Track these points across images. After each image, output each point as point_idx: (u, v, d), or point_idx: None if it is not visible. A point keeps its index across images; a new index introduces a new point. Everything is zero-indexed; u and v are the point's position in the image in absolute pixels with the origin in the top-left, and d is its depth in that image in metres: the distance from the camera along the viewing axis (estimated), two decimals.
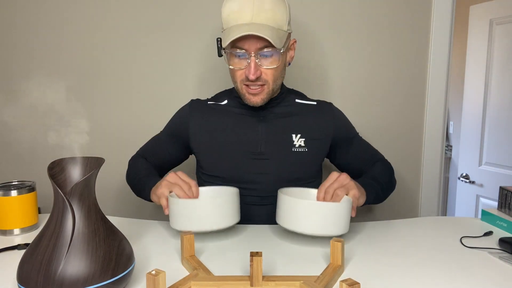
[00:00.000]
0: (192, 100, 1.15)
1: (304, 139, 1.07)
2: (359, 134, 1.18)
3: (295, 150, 1.06)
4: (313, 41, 1.47)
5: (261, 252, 0.66)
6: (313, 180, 1.10)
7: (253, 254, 0.65)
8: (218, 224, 0.85)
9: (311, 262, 0.78)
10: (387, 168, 1.13)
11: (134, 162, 1.15)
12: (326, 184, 0.89)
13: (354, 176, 1.10)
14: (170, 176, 0.92)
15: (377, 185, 1.01)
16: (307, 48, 1.48)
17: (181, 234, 0.78)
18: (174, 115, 1.16)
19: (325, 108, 1.13)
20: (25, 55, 1.47)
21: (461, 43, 2.67)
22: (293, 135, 1.07)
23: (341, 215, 0.82)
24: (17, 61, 1.48)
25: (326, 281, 0.67)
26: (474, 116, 2.22)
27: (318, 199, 0.90)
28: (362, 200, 0.91)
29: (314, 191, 0.96)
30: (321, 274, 0.70)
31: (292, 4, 1.43)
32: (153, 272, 0.60)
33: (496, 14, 2.05)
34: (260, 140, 1.06)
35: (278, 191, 0.89)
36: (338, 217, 0.81)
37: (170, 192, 0.90)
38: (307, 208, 0.81)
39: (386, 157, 1.55)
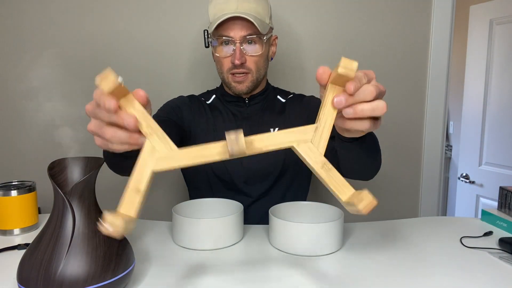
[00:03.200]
0: (182, 96, 1.17)
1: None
2: None
3: None
4: (306, 42, 1.47)
5: (240, 130, 0.49)
6: (296, 172, 1.12)
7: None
8: (222, 244, 0.85)
9: (303, 261, 0.78)
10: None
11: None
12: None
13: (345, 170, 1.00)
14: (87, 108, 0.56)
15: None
16: (300, 48, 1.48)
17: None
18: (172, 101, 1.14)
19: (299, 98, 1.16)
20: (24, 55, 1.47)
21: (461, 43, 2.67)
22: (271, 129, 1.10)
23: (334, 234, 0.81)
24: (16, 61, 1.48)
25: (328, 131, 0.51)
26: (474, 116, 2.22)
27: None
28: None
29: (306, 205, 0.95)
30: (317, 119, 0.52)
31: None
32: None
33: (496, 14, 2.05)
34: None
35: (269, 211, 0.87)
36: (329, 236, 0.81)
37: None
38: (298, 230, 0.80)
39: (386, 157, 1.55)
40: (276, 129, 1.11)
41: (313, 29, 1.47)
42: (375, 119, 0.54)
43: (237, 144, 0.48)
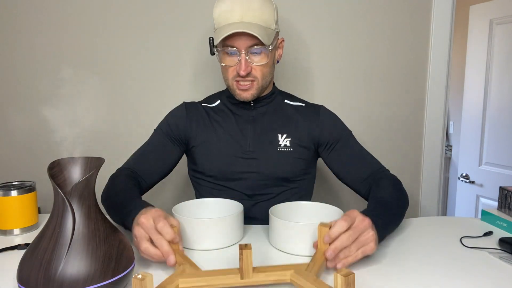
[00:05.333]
0: (185, 103, 1.17)
1: (289, 139, 1.09)
2: (355, 138, 1.13)
3: (280, 149, 1.08)
4: (310, 42, 1.47)
5: (250, 245, 0.65)
6: (302, 178, 1.11)
7: (242, 247, 0.65)
8: (223, 244, 0.85)
9: (303, 261, 0.78)
10: (396, 189, 0.99)
11: (113, 183, 0.99)
12: (336, 230, 0.72)
13: (349, 184, 1.10)
14: (143, 222, 0.74)
15: (392, 218, 0.89)
16: (304, 49, 1.48)
17: None
18: (168, 116, 1.15)
19: (313, 110, 1.14)
20: (24, 56, 1.47)
21: (461, 43, 2.67)
22: (279, 135, 1.09)
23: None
24: (16, 61, 1.48)
25: (317, 268, 0.67)
26: (474, 116, 2.22)
27: (324, 250, 0.73)
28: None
29: (306, 205, 0.95)
30: (310, 261, 0.70)
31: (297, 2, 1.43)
32: (139, 276, 0.58)
33: (496, 14, 2.05)
34: (249, 140, 1.09)
35: (269, 211, 0.87)
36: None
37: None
38: (298, 230, 0.80)
39: (386, 158, 1.55)
40: (284, 135, 1.09)
41: (318, 29, 1.46)
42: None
43: (248, 273, 0.64)
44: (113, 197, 0.92)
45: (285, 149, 1.09)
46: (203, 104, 1.17)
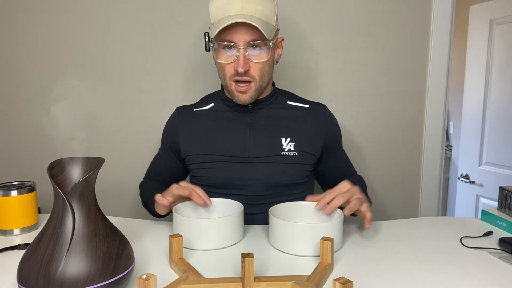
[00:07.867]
0: (177, 108, 1.14)
1: (294, 143, 1.04)
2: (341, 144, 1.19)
3: (284, 154, 1.03)
4: (311, 42, 1.47)
5: (252, 253, 0.66)
6: (304, 185, 1.09)
7: (245, 255, 0.65)
8: (222, 244, 0.85)
9: (302, 261, 0.78)
10: (364, 183, 1.15)
11: (142, 185, 1.16)
12: (331, 195, 0.87)
13: (327, 185, 1.15)
14: (172, 187, 0.92)
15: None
16: (304, 48, 1.48)
17: (169, 236, 0.78)
18: (164, 128, 1.15)
19: (318, 111, 1.10)
20: (24, 56, 1.47)
21: (461, 43, 2.67)
22: (283, 139, 1.04)
23: (334, 234, 0.81)
24: (16, 61, 1.48)
25: (317, 280, 0.67)
26: (474, 116, 2.22)
27: (319, 205, 0.89)
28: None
29: (306, 205, 0.94)
30: (312, 273, 0.70)
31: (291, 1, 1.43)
32: (144, 276, 0.59)
33: (496, 14, 2.05)
34: (248, 145, 1.04)
35: (269, 211, 0.87)
36: (329, 236, 0.80)
37: (173, 202, 0.91)
38: (298, 231, 0.80)
39: (386, 157, 1.57)
40: (288, 139, 1.04)
41: (318, 29, 1.46)
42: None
43: (249, 282, 0.65)
44: (145, 196, 1.09)
45: (289, 154, 1.03)
46: (195, 109, 1.11)
